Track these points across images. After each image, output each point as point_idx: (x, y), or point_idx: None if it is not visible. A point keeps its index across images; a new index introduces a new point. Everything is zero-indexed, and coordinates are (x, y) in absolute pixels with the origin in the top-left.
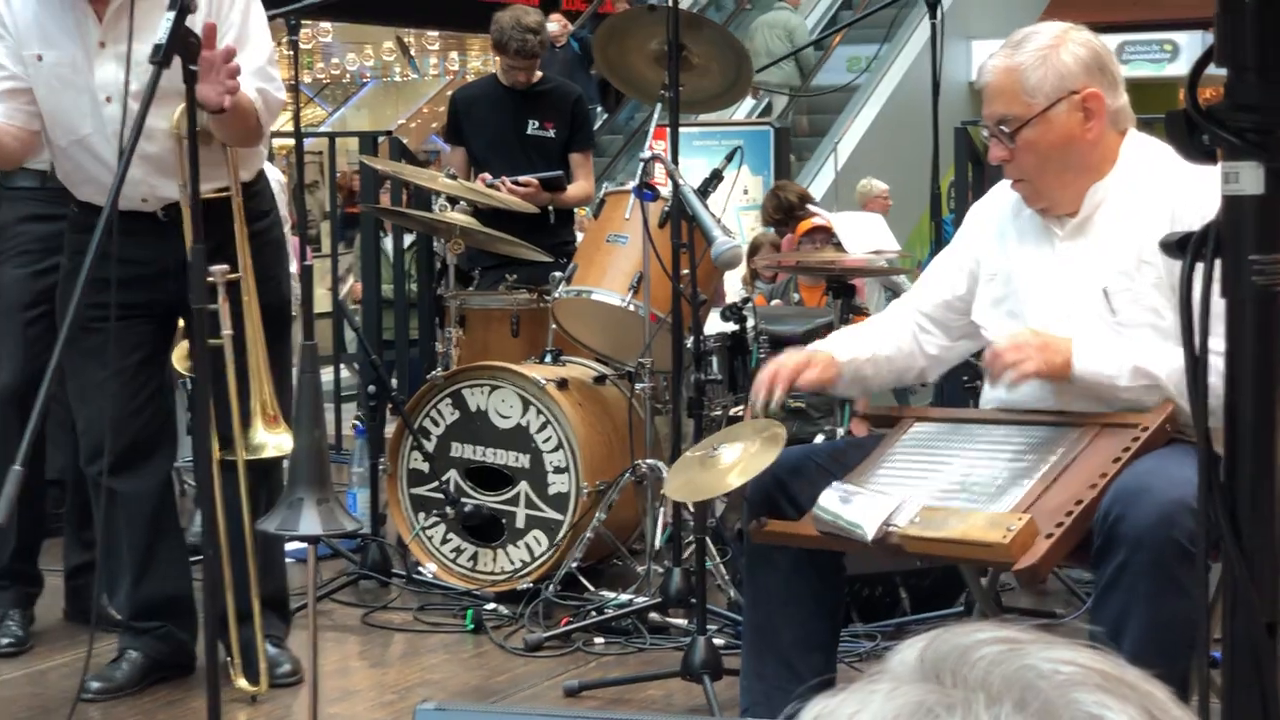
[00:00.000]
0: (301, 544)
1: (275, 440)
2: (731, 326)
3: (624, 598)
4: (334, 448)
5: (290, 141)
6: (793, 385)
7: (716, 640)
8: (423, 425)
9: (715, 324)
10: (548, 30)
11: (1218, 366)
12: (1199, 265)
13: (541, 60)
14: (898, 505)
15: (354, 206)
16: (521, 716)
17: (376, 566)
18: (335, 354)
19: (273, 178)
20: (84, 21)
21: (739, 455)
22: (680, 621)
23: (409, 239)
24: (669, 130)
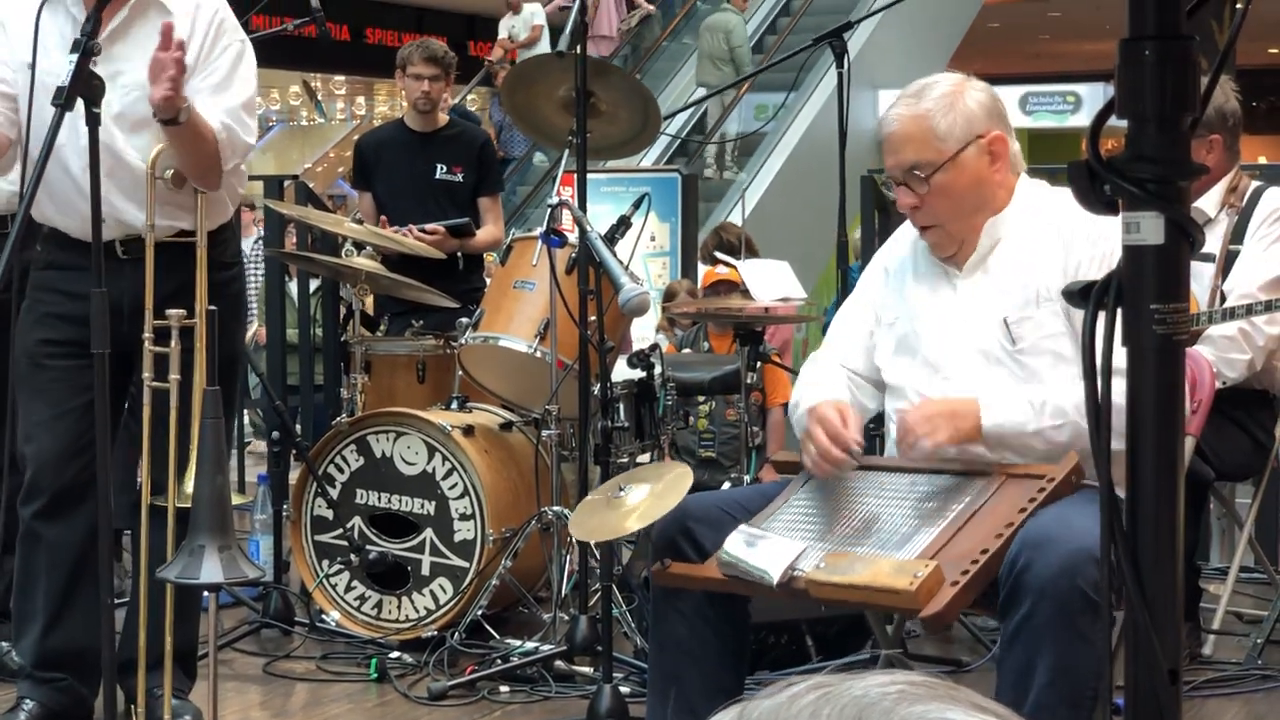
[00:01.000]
0: (203, 592)
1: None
2: (639, 373)
3: (530, 646)
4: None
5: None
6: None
7: (623, 688)
8: (327, 471)
9: (622, 371)
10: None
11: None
12: (1100, 314)
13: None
14: (803, 550)
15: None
16: None
17: (279, 615)
18: (239, 399)
19: None
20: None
21: (644, 496)
22: (586, 669)
23: (314, 283)
24: (576, 176)
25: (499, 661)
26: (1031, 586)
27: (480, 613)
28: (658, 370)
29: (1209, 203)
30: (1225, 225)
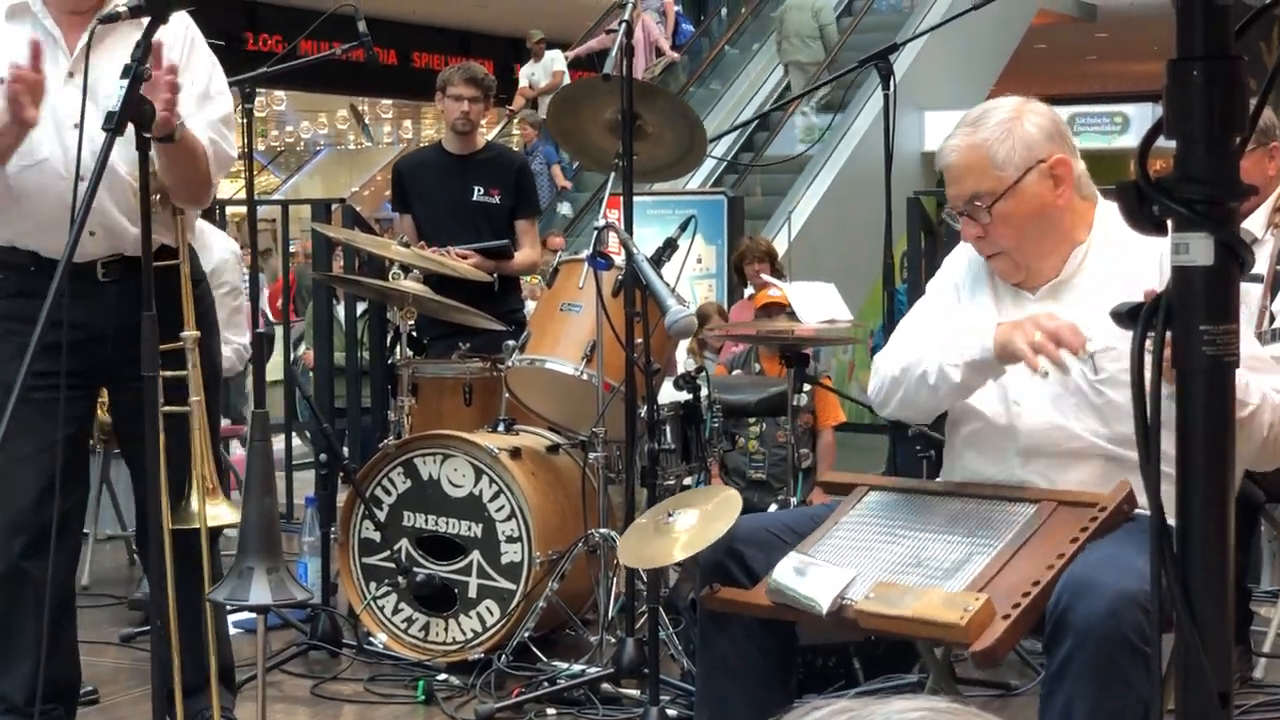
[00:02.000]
0: (251, 614)
1: (213, 512)
2: (685, 396)
3: (577, 668)
4: (285, 516)
5: (243, 209)
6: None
7: (669, 711)
8: (375, 494)
9: (669, 393)
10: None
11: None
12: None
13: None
14: (852, 579)
15: None
16: None
17: (327, 637)
18: (287, 422)
19: (227, 246)
20: (54, 50)
21: (693, 522)
22: (633, 692)
23: (361, 307)
24: (623, 199)
25: (546, 684)
26: (1075, 628)
27: (527, 635)
28: (704, 392)
29: (1255, 223)
30: (1272, 245)
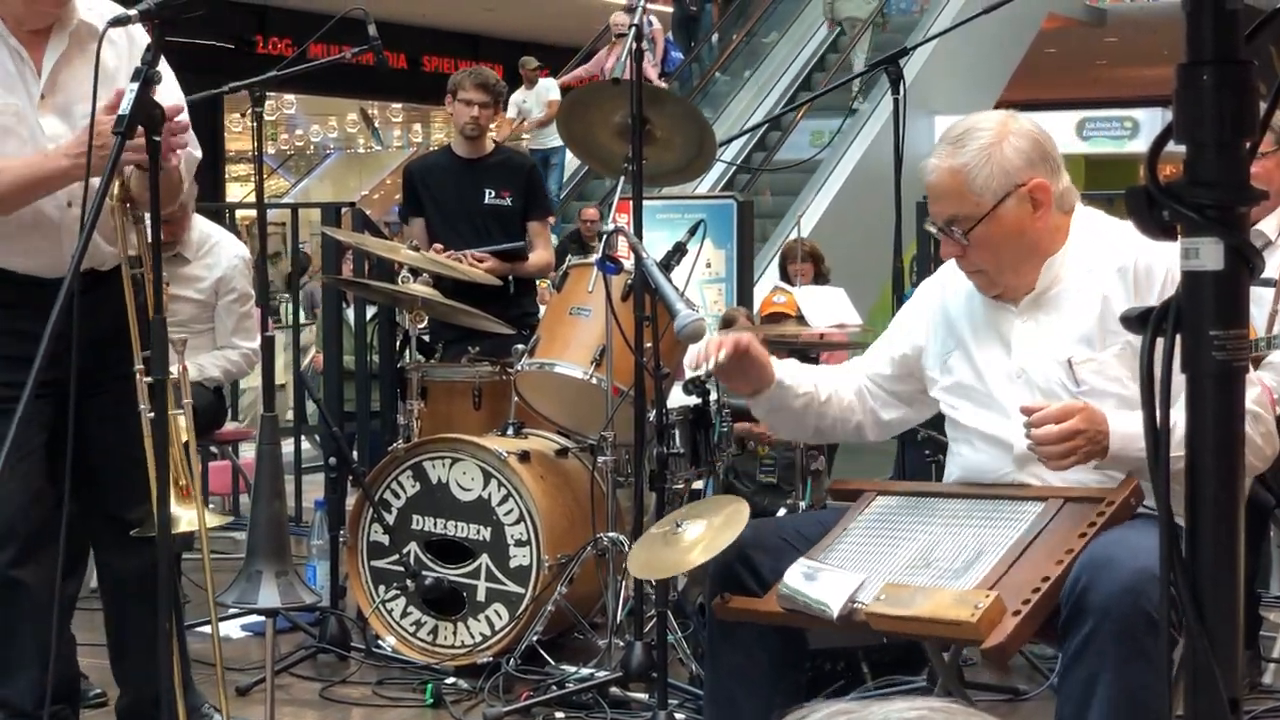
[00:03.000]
0: (260, 617)
1: (188, 515)
2: (694, 400)
3: (585, 672)
4: (294, 520)
5: (253, 213)
6: (732, 353)
7: (678, 715)
8: (383, 497)
9: (678, 397)
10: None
11: None
12: (1159, 340)
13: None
14: (862, 582)
15: None
16: None
17: (335, 640)
18: (296, 425)
19: (236, 251)
20: (24, 71)
21: (702, 532)
22: (641, 696)
23: (371, 310)
24: (632, 203)
25: (554, 688)
26: (1094, 606)
27: (535, 638)
28: (713, 396)
29: (1270, 226)
30: None
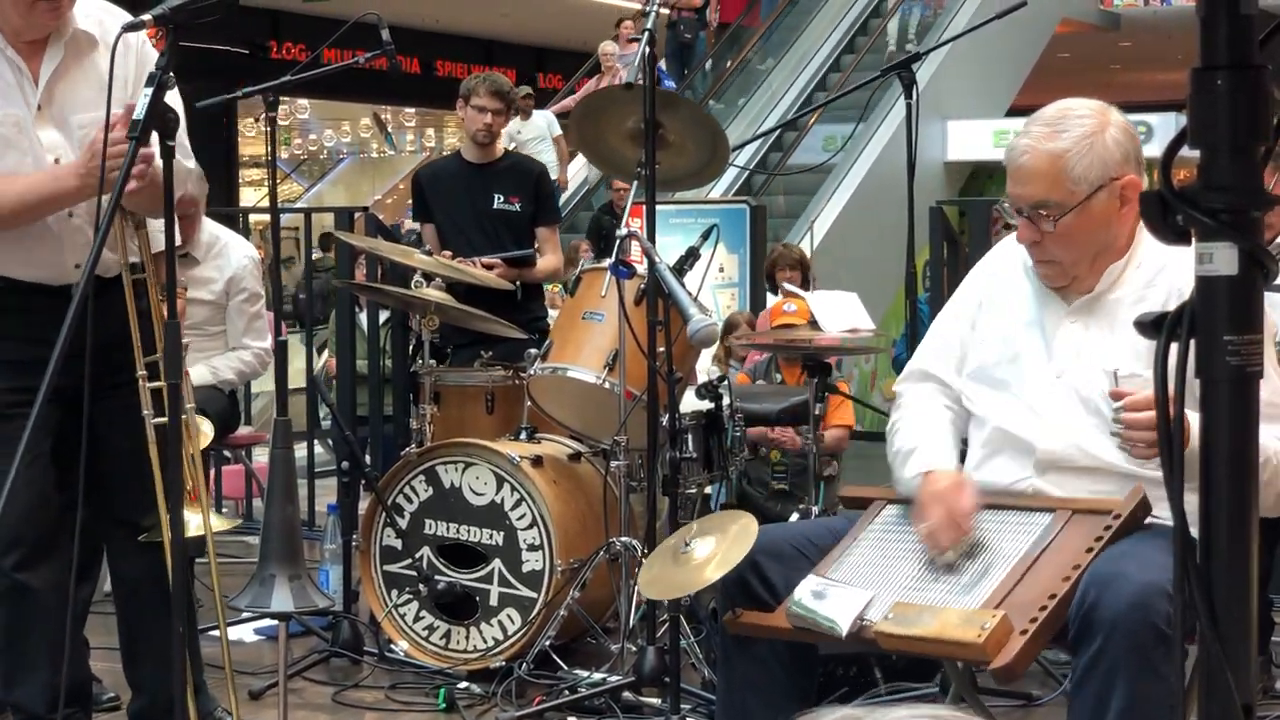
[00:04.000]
0: (273, 621)
1: (195, 520)
2: (707, 404)
3: (597, 676)
4: (307, 524)
5: (266, 217)
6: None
7: None
8: (396, 502)
9: (691, 402)
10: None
11: None
12: (1173, 345)
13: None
14: (870, 599)
15: None
16: None
17: (348, 644)
18: (309, 430)
19: (245, 251)
20: (22, 83)
21: (712, 549)
22: (654, 701)
23: (384, 315)
24: (645, 208)
25: (567, 692)
26: (1103, 622)
27: (548, 643)
28: (726, 401)
29: None
30: None
